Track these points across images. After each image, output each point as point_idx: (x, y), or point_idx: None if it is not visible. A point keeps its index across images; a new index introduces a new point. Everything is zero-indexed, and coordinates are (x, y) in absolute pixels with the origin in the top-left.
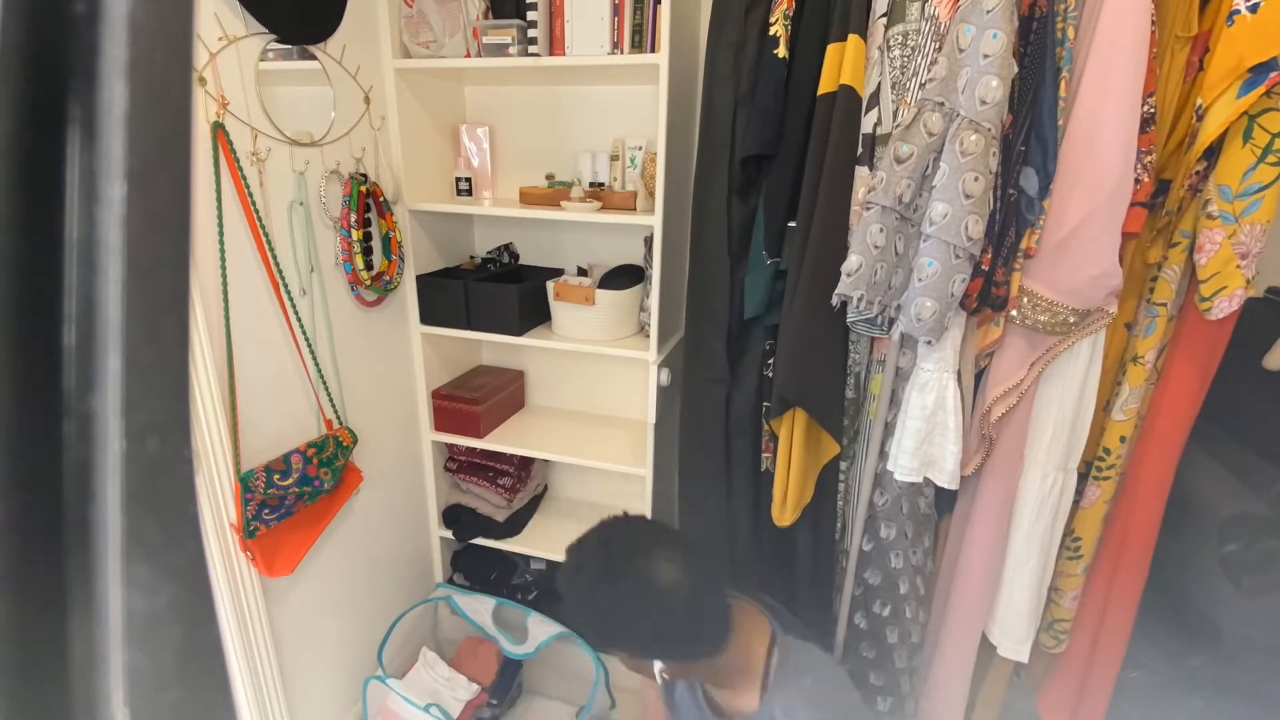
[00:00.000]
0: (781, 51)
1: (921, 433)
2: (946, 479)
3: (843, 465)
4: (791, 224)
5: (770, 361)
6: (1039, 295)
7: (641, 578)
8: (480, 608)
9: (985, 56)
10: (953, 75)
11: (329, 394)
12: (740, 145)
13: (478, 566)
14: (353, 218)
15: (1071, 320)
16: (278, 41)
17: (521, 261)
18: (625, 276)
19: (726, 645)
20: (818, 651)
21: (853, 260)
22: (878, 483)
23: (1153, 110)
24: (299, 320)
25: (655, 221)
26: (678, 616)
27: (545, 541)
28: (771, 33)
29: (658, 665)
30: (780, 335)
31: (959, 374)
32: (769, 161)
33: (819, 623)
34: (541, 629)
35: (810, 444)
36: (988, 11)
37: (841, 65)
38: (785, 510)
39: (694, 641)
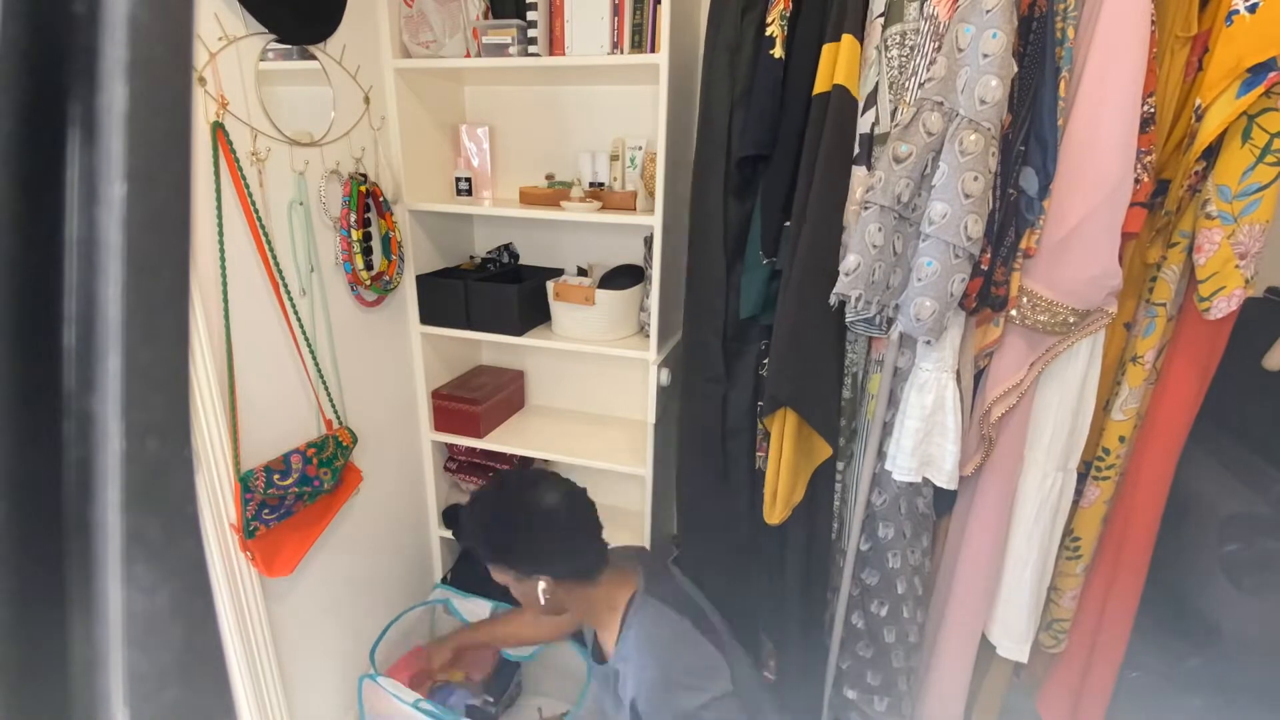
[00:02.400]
0: (778, 52)
1: (920, 433)
2: (945, 479)
3: (839, 465)
4: (788, 224)
5: (766, 361)
6: (1038, 295)
7: (526, 500)
8: (478, 610)
9: (985, 56)
10: (952, 75)
11: (329, 394)
12: (736, 145)
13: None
14: (353, 218)
15: (1071, 320)
16: (278, 41)
17: (521, 261)
18: (625, 276)
19: (598, 579)
20: (671, 620)
21: (851, 260)
22: (876, 482)
23: (1152, 110)
24: (299, 320)
25: (655, 221)
26: (557, 534)
27: None
28: (768, 33)
29: (540, 585)
30: (773, 335)
31: (958, 374)
32: (765, 162)
33: (813, 621)
34: None
35: (802, 444)
36: (987, 11)
37: (835, 65)
38: (775, 509)
39: (571, 559)
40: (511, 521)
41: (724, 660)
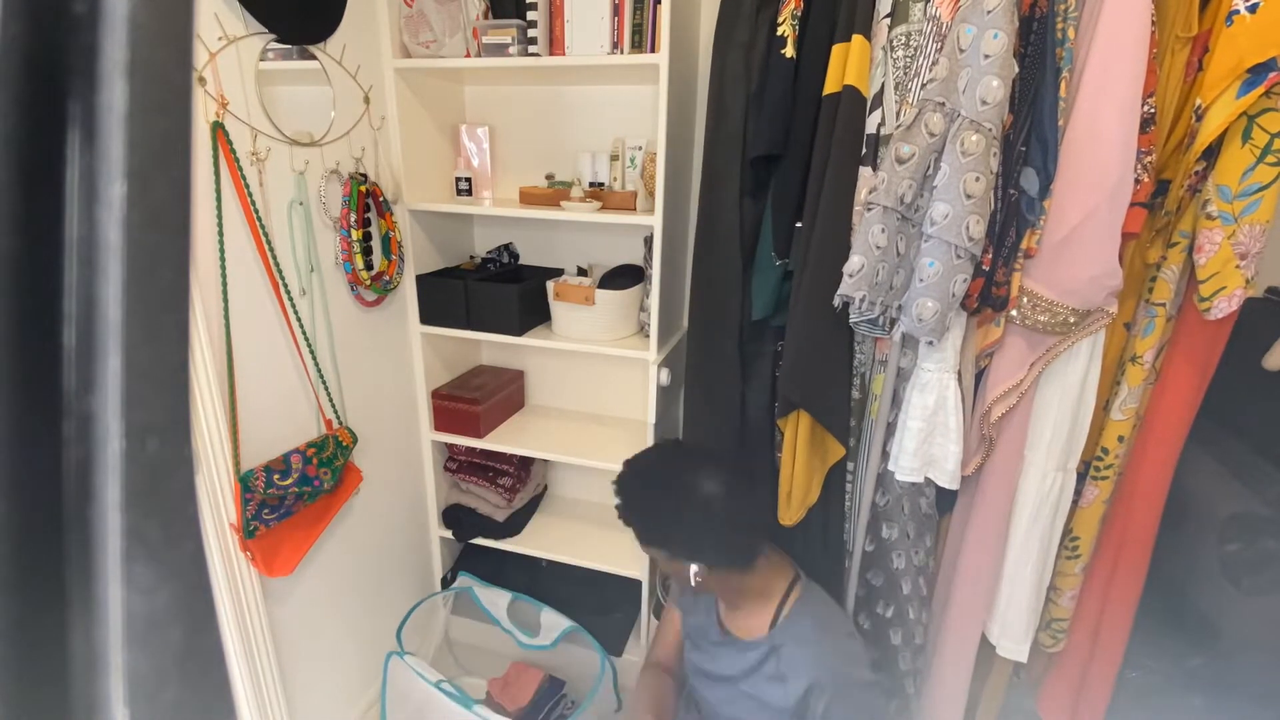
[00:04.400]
0: (789, 51)
1: (922, 433)
2: (947, 479)
3: (849, 466)
4: (799, 225)
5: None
6: (1039, 295)
7: (684, 486)
8: (497, 600)
9: (986, 57)
10: (953, 75)
11: (329, 394)
12: (749, 145)
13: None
14: (352, 217)
15: (1071, 320)
16: (277, 41)
17: (521, 261)
18: (625, 276)
19: (754, 566)
20: (837, 607)
21: (854, 261)
22: (879, 483)
23: (1152, 110)
24: (299, 320)
25: (655, 221)
26: (712, 526)
27: (545, 541)
28: (779, 33)
29: (693, 569)
30: (786, 337)
31: (959, 374)
32: (777, 162)
33: None
34: (553, 623)
35: (815, 445)
36: (988, 12)
37: (846, 66)
38: (790, 510)
39: (724, 552)
40: (669, 509)
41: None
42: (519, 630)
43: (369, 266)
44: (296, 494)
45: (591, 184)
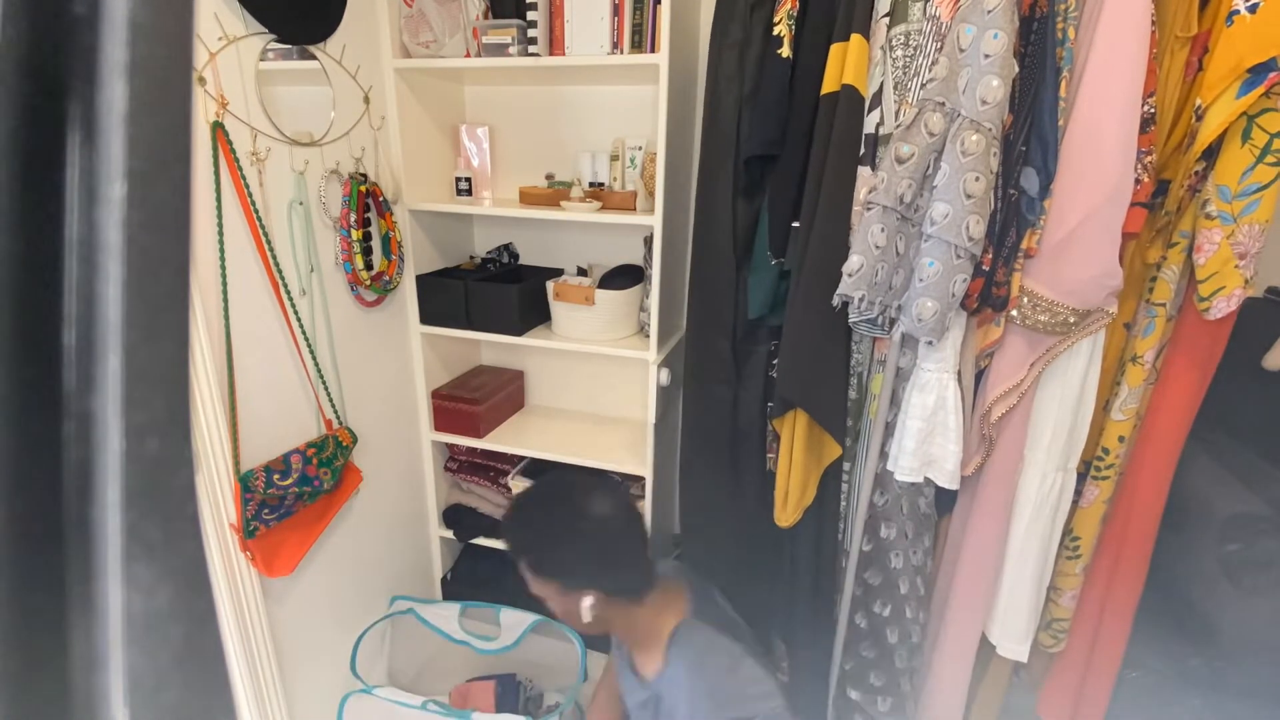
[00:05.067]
0: (785, 51)
1: (922, 432)
2: (947, 479)
3: (845, 466)
4: (795, 224)
5: (775, 362)
6: (1039, 295)
7: (577, 507)
8: (447, 614)
9: (986, 56)
10: (953, 75)
11: (329, 394)
12: (744, 145)
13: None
14: (352, 217)
15: (1071, 320)
16: (277, 41)
17: (521, 261)
18: (625, 276)
19: (645, 600)
20: (719, 642)
21: (854, 260)
22: (878, 483)
23: (1153, 110)
24: (299, 320)
25: (655, 221)
26: (608, 546)
27: None
28: (775, 32)
29: (585, 602)
30: (782, 336)
31: (959, 374)
32: (773, 162)
33: (823, 623)
34: (516, 621)
35: (812, 445)
36: (988, 11)
37: (844, 65)
38: (786, 511)
39: (621, 575)
40: (561, 530)
41: (775, 684)
42: (475, 638)
43: (369, 266)
44: (296, 494)
45: (591, 184)
